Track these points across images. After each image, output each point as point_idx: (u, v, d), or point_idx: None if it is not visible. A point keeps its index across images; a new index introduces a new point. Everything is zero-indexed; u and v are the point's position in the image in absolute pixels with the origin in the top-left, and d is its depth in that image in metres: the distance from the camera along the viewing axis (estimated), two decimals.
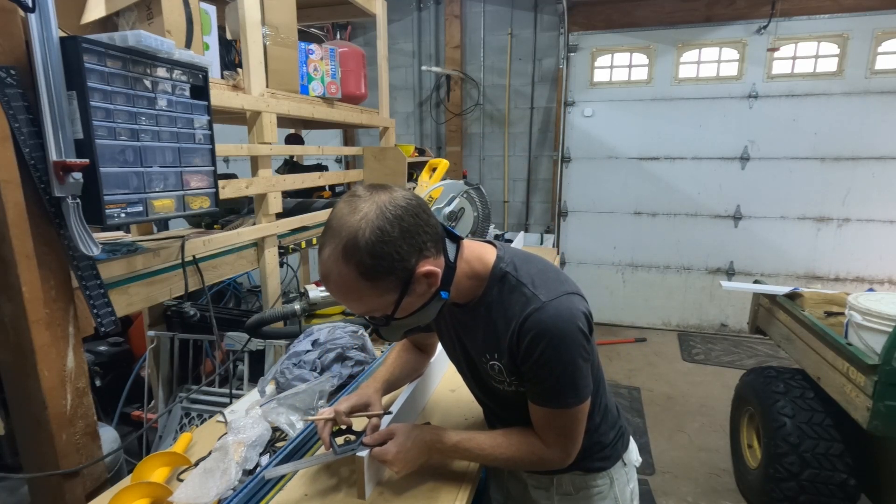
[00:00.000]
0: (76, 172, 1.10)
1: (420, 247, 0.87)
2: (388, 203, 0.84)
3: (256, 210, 2.10)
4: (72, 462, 1.23)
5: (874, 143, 4.16)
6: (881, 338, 1.79)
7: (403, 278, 0.87)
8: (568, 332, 0.91)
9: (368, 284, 0.85)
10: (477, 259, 0.99)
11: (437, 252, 0.92)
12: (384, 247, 0.82)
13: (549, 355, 0.91)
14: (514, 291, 0.96)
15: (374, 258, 0.82)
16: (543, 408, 0.97)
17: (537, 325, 0.91)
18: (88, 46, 1.11)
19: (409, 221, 0.85)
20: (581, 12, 4.57)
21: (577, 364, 0.93)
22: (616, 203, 4.85)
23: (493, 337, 0.98)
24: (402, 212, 0.85)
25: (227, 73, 1.88)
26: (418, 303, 0.93)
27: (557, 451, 1.00)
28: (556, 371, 0.92)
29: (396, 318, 0.93)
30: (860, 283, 4.45)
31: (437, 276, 0.90)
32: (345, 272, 0.83)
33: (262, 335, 1.72)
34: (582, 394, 0.96)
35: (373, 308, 0.91)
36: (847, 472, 2.06)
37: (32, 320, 1.13)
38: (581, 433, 1.01)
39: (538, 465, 1.04)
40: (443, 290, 0.94)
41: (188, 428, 2.16)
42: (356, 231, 0.81)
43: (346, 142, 5.39)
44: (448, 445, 1.03)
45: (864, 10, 3.99)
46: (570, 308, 0.92)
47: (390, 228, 0.83)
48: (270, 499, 1.02)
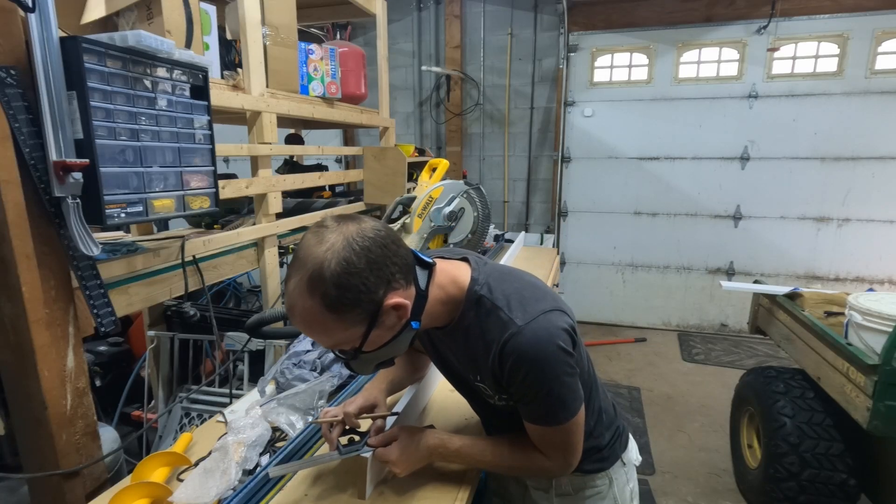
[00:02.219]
0: (76, 172, 1.10)
1: (388, 278, 0.84)
2: (356, 234, 0.82)
3: (256, 210, 2.10)
4: (72, 462, 1.23)
5: (874, 143, 4.16)
6: (881, 338, 1.79)
7: (371, 311, 0.84)
8: (548, 355, 0.89)
9: (333, 317, 0.82)
10: (451, 282, 0.97)
11: (408, 283, 0.89)
12: (350, 279, 0.80)
13: (531, 379, 0.90)
14: (490, 315, 0.93)
15: (340, 289, 0.79)
16: (536, 426, 0.98)
17: (516, 350, 0.89)
18: (88, 46, 1.11)
19: (377, 253, 0.83)
20: (581, 12, 4.57)
21: (563, 381, 0.92)
22: (616, 203, 4.85)
23: (473, 360, 0.98)
24: (370, 243, 0.82)
25: (227, 73, 1.88)
26: (388, 335, 0.90)
27: (559, 461, 1.01)
28: (541, 393, 0.92)
29: (365, 350, 0.89)
30: (860, 283, 4.45)
31: (406, 309, 0.87)
32: (309, 304, 0.81)
33: (262, 335, 1.72)
34: (571, 408, 0.95)
35: (339, 341, 0.88)
36: (847, 472, 2.06)
37: (32, 320, 1.13)
38: (580, 443, 1.01)
39: (540, 475, 1.06)
40: (413, 321, 0.91)
41: (188, 428, 2.16)
42: (321, 262, 0.79)
43: (346, 142, 5.39)
44: (451, 450, 1.04)
45: (864, 10, 3.99)
46: (548, 328, 0.90)
47: (356, 260, 0.80)
48: (270, 499, 1.02)
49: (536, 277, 1.04)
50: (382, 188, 2.91)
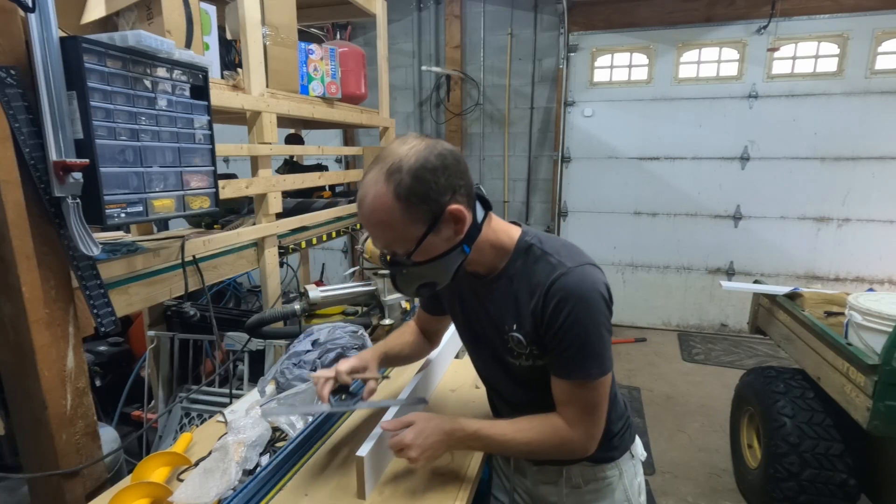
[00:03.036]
0: (76, 172, 1.10)
1: (455, 188, 0.91)
2: (435, 144, 0.91)
3: (256, 210, 2.10)
4: (72, 462, 1.23)
5: (874, 143, 4.16)
6: (881, 338, 1.79)
7: (434, 212, 0.90)
8: (593, 298, 0.93)
9: (401, 207, 0.88)
10: (503, 230, 1.03)
11: (468, 206, 0.95)
12: (424, 173, 0.88)
13: (573, 318, 0.92)
14: (539, 261, 0.98)
15: (414, 180, 0.87)
16: (567, 380, 0.97)
17: (563, 288, 0.93)
18: (88, 46, 1.11)
19: (451, 164, 0.91)
20: (581, 12, 4.57)
21: (601, 332, 0.94)
22: (616, 203, 4.85)
23: (515, 306, 1.00)
24: (448, 154, 0.91)
25: (227, 73, 1.88)
26: (441, 248, 0.94)
27: (580, 431, 0.99)
28: (581, 336, 0.93)
29: (416, 261, 0.94)
30: (860, 283, 4.45)
31: (464, 223, 0.93)
32: (382, 191, 0.89)
33: (262, 335, 1.72)
34: (605, 365, 0.96)
35: (397, 238, 0.92)
36: (847, 472, 2.06)
37: (32, 320, 1.13)
38: (604, 414, 1.00)
39: (560, 450, 1.01)
40: (466, 244, 0.96)
41: (188, 428, 2.16)
42: (402, 157, 0.89)
43: (346, 142, 5.39)
44: (469, 432, 1.02)
45: (864, 10, 3.99)
46: (594, 276, 0.95)
47: (434, 160, 0.89)
48: (270, 499, 1.02)
49: None
50: None
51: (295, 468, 1.10)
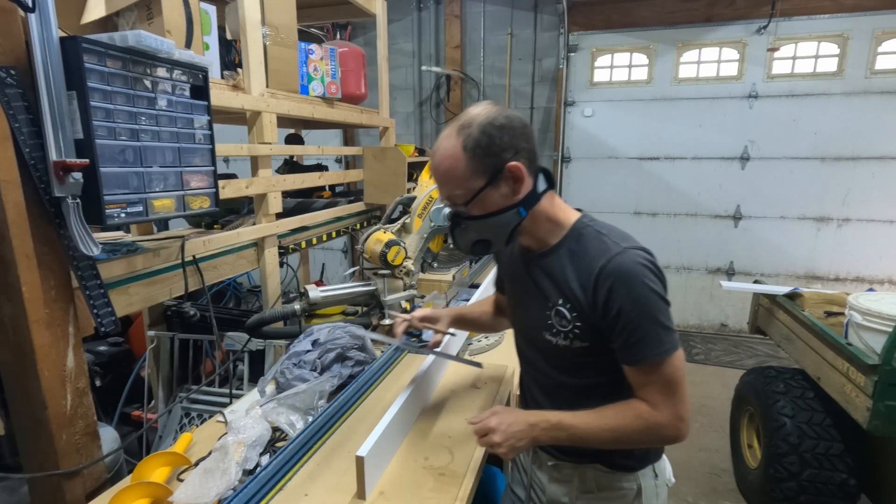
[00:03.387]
0: (76, 172, 1.10)
1: (517, 149, 0.98)
2: (507, 109, 1.00)
3: (256, 210, 2.10)
4: (72, 462, 1.22)
5: (874, 143, 4.16)
6: (881, 338, 1.79)
7: (495, 166, 0.97)
8: (651, 275, 0.95)
9: (466, 158, 0.97)
10: (562, 209, 1.07)
11: (529, 170, 1.00)
12: (491, 129, 0.96)
13: (635, 296, 0.93)
14: (594, 240, 1.01)
15: (481, 134, 0.96)
16: (640, 365, 0.96)
17: (621, 266, 0.95)
18: (88, 46, 1.11)
19: (518, 127, 0.99)
20: (581, 12, 4.57)
21: (663, 307, 0.95)
22: (616, 203, 4.85)
23: (564, 282, 1.02)
24: (515, 117, 0.99)
25: (227, 73, 1.88)
26: (498, 203, 1.00)
27: (666, 413, 0.96)
28: (644, 315, 0.93)
29: (473, 215, 1.02)
30: (860, 283, 4.45)
31: (521, 182, 0.99)
32: (452, 143, 0.98)
33: (262, 335, 1.72)
34: (674, 338, 0.96)
35: (458, 187, 1.00)
36: (847, 472, 2.06)
37: (32, 320, 1.13)
38: (685, 391, 0.98)
39: (649, 434, 0.98)
40: (523, 207, 1.02)
41: (188, 428, 2.16)
42: (474, 115, 0.98)
43: (346, 142, 5.39)
44: (552, 423, 1.01)
45: (864, 10, 3.99)
46: (650, 257, 0.98)
47: (502, 119, 0.97)
48: (270, 499, 1.02)
49: None
50: (382, 188, 2.91)
51: (295, 468, 1.10)
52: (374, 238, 1.80)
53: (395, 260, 1.75)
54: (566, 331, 1.02)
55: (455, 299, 2.22)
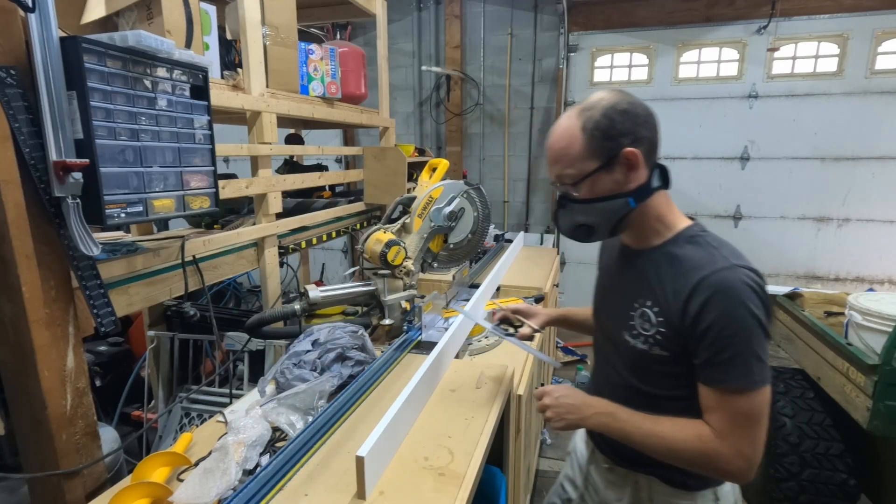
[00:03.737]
0: (76, 172, 1.10)
1: (637, 136, 0.96)
2: (635, 98, 0.99)
3: (256, 210, 2.10)
4: (72, 462, 1.22)
5: (874, 143, 4.16)
6: (881, 338, 1.79)
7: (611, 150, 0.96)
8: (756, 299, 0.88)
9: (583, 139, 0.97)
10: (672, 212, 1.04)
11: (647, 161, 0.98)
12: (613, 113, 0.96)
13: (735, 314, 0.87)
14: (702, 250, 0.97)
15: (602, 116, 0.96)
16: (719, 387, 0.89)
17: (725, 281, 0.89)
18: (88, 46, 1.11)
19: (641, 115, 0.97)
20: (581, 12, 4.57)
21: (760, 337, 0.87)
22: None
23: (658, 285, 0.99)
24: (640, 105, 0.99)
25: (227, 73, 1.88)
26: (607, 188, 0.98)
27: (728, 445, 0.89)
28: (742, 335, 0.87)
29: (581, 198, 1.00)
30: (860, 283, 4.44)
31: (636, 170, 0.97)
32: (571, 124, 0.98)
33: (262, 335, 1.72)
34: (764, 374, 0.87)
35: (569, 166, 0.99)
36: (847, 472, 2.06)
37: (32, 320, 1.13)
38: (762, 436, 0.89)
39: (704, 461, 0.91)
40: (632, 198, 0.99)
41: (188, 428, 2.16)
42: (598, 100, 0.98)
43: (346, 142, 5.39)
44: (607, 410, 1.01)
45: (864, 10, 3.99)
46: (759, 281, 0.91)
47: (625, 105, 0.97)
48: (270, 499, 1.02)
49: None
50: (382, 188, 2.91)
51: (295, 468, 1.10)
52: (374, 238, 1.80)
53: (395, 260, 1.75)
54: (648, 335, 0.98)
55: (455, 299, 2.22)
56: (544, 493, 2.61)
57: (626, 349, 1.03)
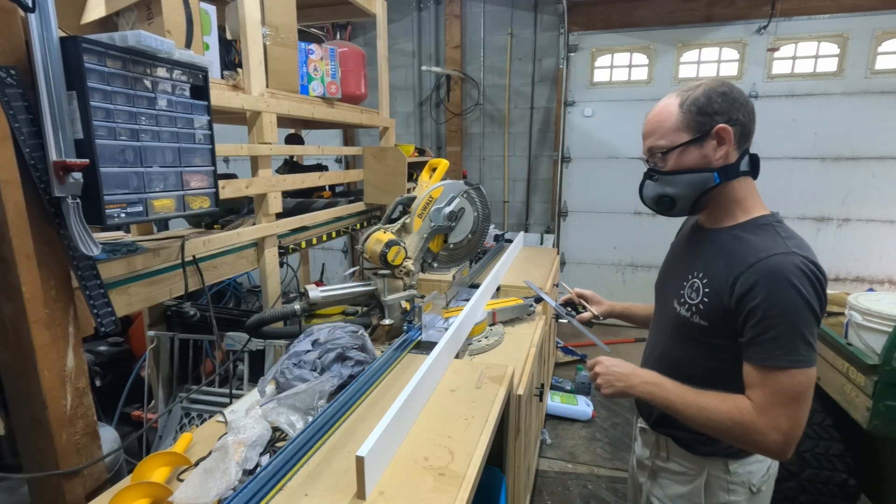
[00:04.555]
0: (76, 172, 1.10)
1: (731, 116, 1.02)
2: (737, 87, 1.06)
3: (256, 210, 2.10)
4: (72, 462, 1.22)
5: (874, 143, 4.16)
6: (881, 338, 1.79)
7: (705, 126, 1.03)
8: (808, 283, 0.91)
9: (679, 114, 1.05)
10: (753, 199, 1.08)
11: (738, 143, 1.04)
12: (712, 93, 1.03)
13: (784, 295, 0.90)
14: (768, 236, 1.00)
15: (702, 95, 1.03)
16: (763, 366, 0.93)
17: (779, 264, 0.92)
18: (88, 46, 1.11)
19: (738, 97, 1.03)
20: (581, 12, 4.57)
21: (808, 319, 0.91)
22: (616, 203, 4.85)
23: (714, 259, 1.04)
24: (740, 93, 1.04)
25: (227, 73, 1.88)
26: (695, 161, 1.04)
27: (767, 421, 0.91)
28: (790, 316, 0.90)
29: (668, 170, 1.06)
30: (860, 283, 4.45)
31: (726, 146, 1.03)
32: (671, 101, 1.08)
33: (262, 335, 1.72)
34: (809, 356, 0.91)
35: (662, 137, 1.06)
36: (847, 472, 2.06)
37: (32, 320, 1.13)
38: (802, 415, 0.92)
39: (741, 434, 0.95)
40: (718, 174, 1.04)
41: (188, 428, 2.16)
42: (702, 81, 1.07)
43: (346, 142, 5.39)
44: (654, 380, 1.07)
45: (864, 10, 3.99)
46: (819, 268, 0.94)
47: (727, 90, 1.04)
48: (270, 499, 1.02)
49: None
50: (382, 188, 2.91)
51: (295, 468, 1.10)
52: (374, 238, 1.80)
53: (395, 260, 1.75)
54: (692, 303, 1.05)
55: (455, 299, 2.22)
56: (544, 493, 2.62)
57: (672, 316, 1.10)
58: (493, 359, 1.74)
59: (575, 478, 2.74)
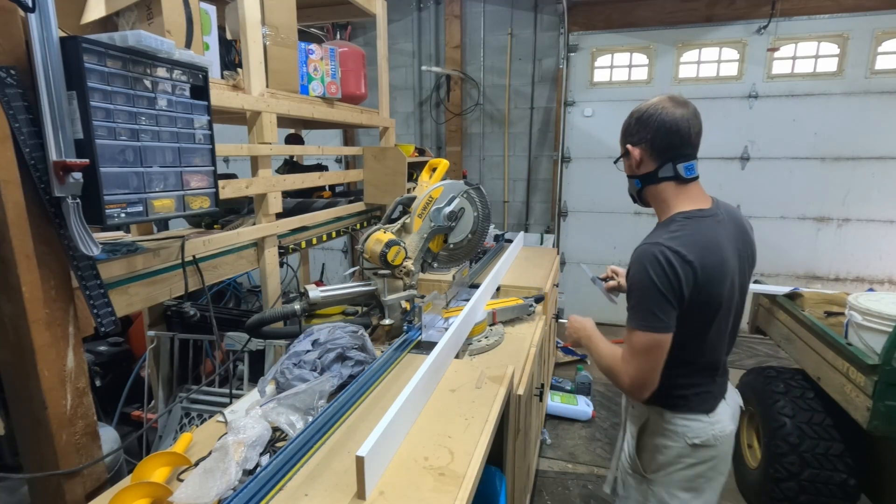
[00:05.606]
0: (76, 172, 1.10)
1: (640, 137, 1.33)
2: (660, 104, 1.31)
3: (256, 210, 2.10)
4: (72, 462, 1.23)
5: (874, 143, 4.16)
6: (881, 338, 1.79)
7: (624, 145, 1.39)
8: (659, 269, 1.19)
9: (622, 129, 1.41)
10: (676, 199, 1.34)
11: (649, 154, 1.33)
12: (631, 118, 1.37)
13: (640, 276, 1.22)
14: (660, 230, 1.30)
15: (628, 120, 1.38)
16: (627, 327, 1.27)
17: (643, 253, 1.23)
18: (88, 46, 1.11)
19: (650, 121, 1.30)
20: (581, 12, 4.57)
21: (655, 297, 1.20)
22: (616, 203, 4.85)
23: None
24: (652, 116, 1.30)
25: (227, 73, 1.88)
26: (627, 170, 1.42)
27: (624, 369, 1.28)
28: (640, 292, 1.22)
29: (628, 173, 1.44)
30: (860, 283, 4.45)
31: (634, 161, 1.37)
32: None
33: (262, 335, 1.72)
34: (655, 323, 1.21)
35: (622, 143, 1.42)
36: (847, 472, 2.06)
37: (32, 320, 1.13)
38: (646, 368, 1.24)
39: (613, 373, 1.32)
40: (638, 180, 1.39)
41: (188, 428, 2.16)
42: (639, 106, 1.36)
43: (346, 142, 5.39)
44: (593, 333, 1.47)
45: (864, 10, 3.99)
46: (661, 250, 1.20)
47: (641, 114, 1.33)
48: (270, 499, 1.02)
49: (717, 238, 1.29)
50: (382, 188, 2.91)
51: (295, 468, 1.10)
52: (374, 238, 1.80)
53: (395, 260, 1.75)
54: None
55: (455, 299, 2.22)
56: (544, 493, 2.62)
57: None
58: (493, 359, 1.74)
59: (575, 478, 2.74)
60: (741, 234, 1.37)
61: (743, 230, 1.39)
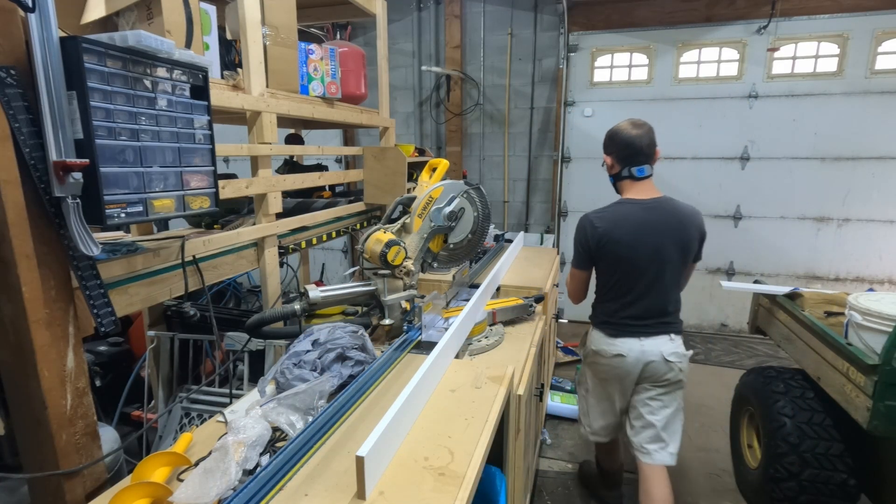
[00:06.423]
0: (76, 172, 1.10)
1: (612, 148, 2.02)
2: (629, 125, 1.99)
3: (256, 210, 2.10)
4: (72, 462, 1.23)
5: (874, 143, 4.16)
6: (881, 338, 1.79)
7: (603, 152, 2.06)
8: (577, 232, 2.02)
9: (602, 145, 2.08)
10: (629, 191, 2.02)
11: (618, 161, 2.01)
12: (606, 137, 2.05)
13: (574, 236, 2.05)
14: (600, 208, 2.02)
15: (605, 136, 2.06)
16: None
17: (580, 219, 2.02)
18: (88, 46, 1.11)
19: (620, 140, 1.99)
20: (581, 12, 4.57)
21: (576, 249, 2.04)
22: None
23: None
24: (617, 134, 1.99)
25: (227, 73, 1.88)
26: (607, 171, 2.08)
27: (567, 286, 2.15)
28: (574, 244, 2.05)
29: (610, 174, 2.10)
30: (860, 283, 4.45)
31: (608, 166, 2.06)
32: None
33: (262, 335, 1.72)
34: (574, 262, 2.07)
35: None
36: (847, 472, 2.05)
37: (32, 320, 1.13)
38: (571, 289, 2.14)
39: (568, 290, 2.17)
40: (612, 178, 2.08)
41: (188, 428, 2.16)
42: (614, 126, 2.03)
43: (346, 142, 5.39)
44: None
45: (864, 10, 3.99)
46: (585, 224, 1.98)
47: (612, 133, 2.02)
48: (270, 499, 1.02)
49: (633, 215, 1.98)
50: (382, 188, 2.91)
51: (295, 468, 1.10)
52: (374, 238, 1.80)
53: (395, 260, 1.75)
54: None
55: (455, 299, 2.22)
56: (544, 493, 2.62)
57: None
58: (493, 359, 1.74)
59: (575, 478, 2.74)
60: (675, 221, 2.02)
61: (678, 219, 2.03)
